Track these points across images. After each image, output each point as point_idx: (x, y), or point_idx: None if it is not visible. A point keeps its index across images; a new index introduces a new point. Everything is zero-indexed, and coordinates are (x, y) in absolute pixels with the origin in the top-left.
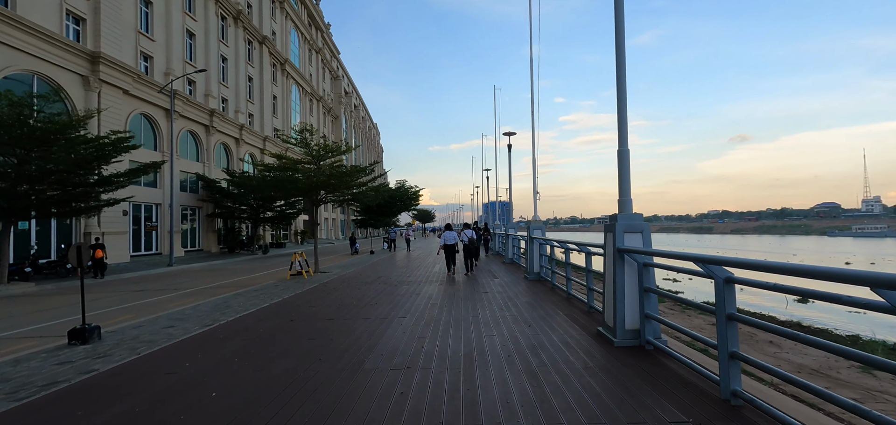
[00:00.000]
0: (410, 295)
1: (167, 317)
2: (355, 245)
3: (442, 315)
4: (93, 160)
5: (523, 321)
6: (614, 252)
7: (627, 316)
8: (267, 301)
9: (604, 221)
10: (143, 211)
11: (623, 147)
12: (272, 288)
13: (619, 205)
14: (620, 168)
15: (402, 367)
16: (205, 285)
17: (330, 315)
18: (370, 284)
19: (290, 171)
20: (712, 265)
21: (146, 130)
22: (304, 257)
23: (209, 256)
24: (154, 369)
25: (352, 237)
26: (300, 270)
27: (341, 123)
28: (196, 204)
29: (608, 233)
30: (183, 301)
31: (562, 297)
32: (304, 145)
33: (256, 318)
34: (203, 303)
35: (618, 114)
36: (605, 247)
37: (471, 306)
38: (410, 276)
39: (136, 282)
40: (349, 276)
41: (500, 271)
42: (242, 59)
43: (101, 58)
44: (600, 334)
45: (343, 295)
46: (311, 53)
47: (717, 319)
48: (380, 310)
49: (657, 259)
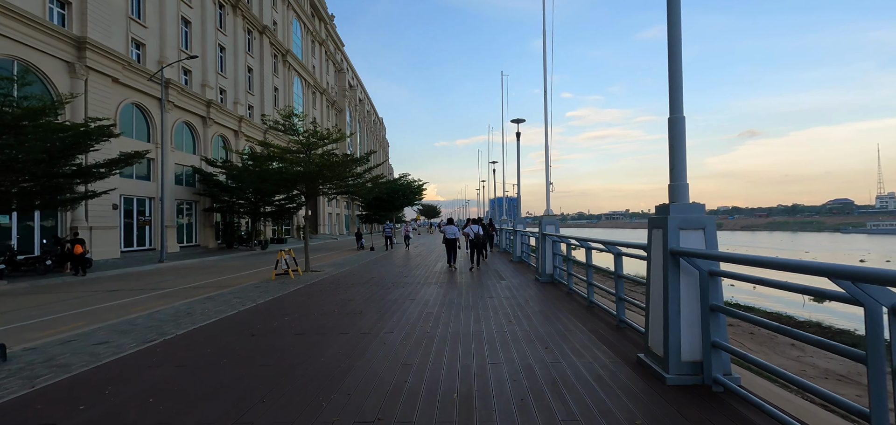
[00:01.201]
0: (404, 300)
1: (110, 327)
2: (361, 240)
3: (437, 328)
4: (68, 149)
5: (538, 339)
6: (666, 255)
7: (685, 343)
8: (238, 307)
9: (614, 217)
10: (136, 204)
11: (676, 113)
12: (252, 289)
13: (670, 192)
14: (673, 141)
15: (371, 421)
16: (186, 284)
17: (302, 328)
18: (360, 286)
19: (276, 161)
20: (855, 282)
21: (139, 121)
22: (292, 255)
23: (205, 252)
24: (25, 419)
25: (358, 232)
26: (286, 269)
27: (345, 117)
28: (192, 197)
29: (655, 230)
30: (148, 304)
31: (581, 306)
32: (291, 131)
33: (210, 333)
34: (164, 310)
35: (669, 74)
36: (649, 248)
37: (473, 316)
38: (408, 277)
39: (116, 281)
40: (340, 276)
41: (508, 271)
42: (242, 49)
43: (88, 43)
44: (642, 363)
45: (326, 300)
46: (314, 45)
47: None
48: (364, 321)
49: (734, 267)
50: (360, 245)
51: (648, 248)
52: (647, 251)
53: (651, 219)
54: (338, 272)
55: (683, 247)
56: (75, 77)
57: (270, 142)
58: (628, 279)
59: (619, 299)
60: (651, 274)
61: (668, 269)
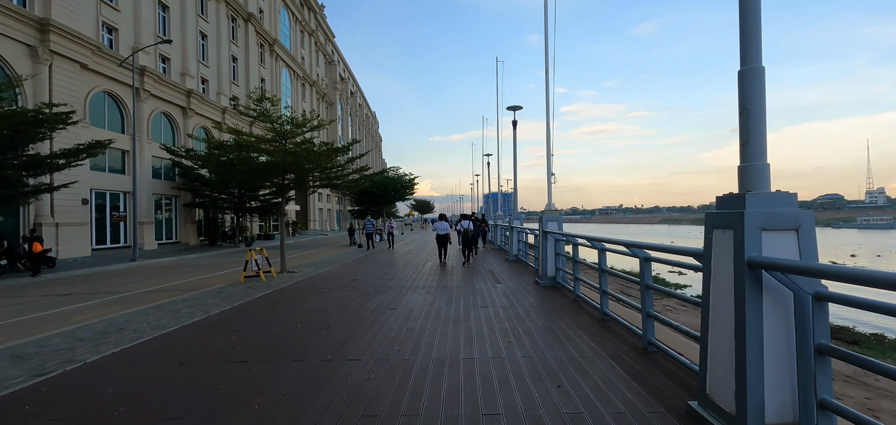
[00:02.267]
0: (384, 310)
1: (11, 352)
2: (354, 236)
3: (418, 353)
4: (18, 138)
5: (546, 370)
6: (740, 267)
7: (770, 396)
8: (184, 319)
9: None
10: (108, 199)
11: (752, 63)
12: (213, 295)
13: (742, 176)
14: (747, 102)
15: None
16: (149, 287)
17: (248, 352)
18: (337, 291)
19: (247, 152)
20: None
21: (111, 110)
22: (265, 255)
23: (186, 249)
24: None
25: (350, 228)
26: (257, 271)
27: (336, 110)
28: (172, 192)
29: (720, 231)
30: (91, 313)
31: (592, 318)
32: (264, 118)
33: (129, 360)
34: (95, 323)
35: (741, 8)
36: (707, 255)
37: (464, 333)
38: (392, 279)
39: (76, 282)
40: (318, 279)
41: (504, 272)
42: (225, 37)
43: (52, 26)
44: (697, 418)
45: (293, 310)
46: (304, 35)
47: None
48: (330, 341)
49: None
50: (353, 241)
51: (706, 255)
52: (702, 259)
53: (712, 216)
54: (316, 273)
55: (768, 256)
56: (38, 62)
57: (242, 131)
58: (658, 290)
59: (647, 316)
60: (712, 292)
61: (745, 288)
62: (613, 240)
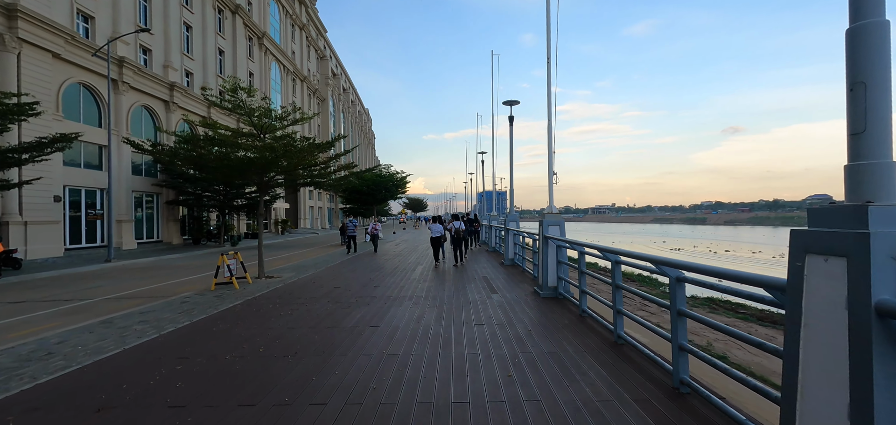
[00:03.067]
0: (364, 327)
1: None
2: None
3: (398, 393)
4: None
5: (558, 422)
6: (867, 315)
7: None
8: (132, 339)
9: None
10: (84, 196)
11: (871, 16)
12: (175, 306)
13: (852, 180)
14: (862, 71)
15: None
16: (112, 293)
17: (187, 394)
18: (315, 302)
19: (221, 147)
20: None
21: (88, 103)
22: (239, 258)
23: (168, 249)
24: None
25: (342, 227)
26: (230, 278)
27: (328, 106)
28: (153, 189)
29: (820, 258)
30: (27, 329)
31: (604, 340)
32: (239, 109)
33: (23, 408)
34: (22, 345)
35: None
36: (799, 292)
37: (455, 361)
38: (378, 287)
39: (37, 286)
40: (296, 286)
41: (500, 279)
42: (211, 29)
43: (20, 11)
44: None
45: (259, 327)
46: (294, 29)
47: None
48: (293, 375)
49: None
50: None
51: (793, 290)
52: (787, 291)
53: (805, 235)
54: (297, 278)
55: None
56: (5, 50)
57: (217, 124)
58: (696, 319)
59: (679, 349)
60: (807, 340)
61: (873, 344)
62: (632, 253)
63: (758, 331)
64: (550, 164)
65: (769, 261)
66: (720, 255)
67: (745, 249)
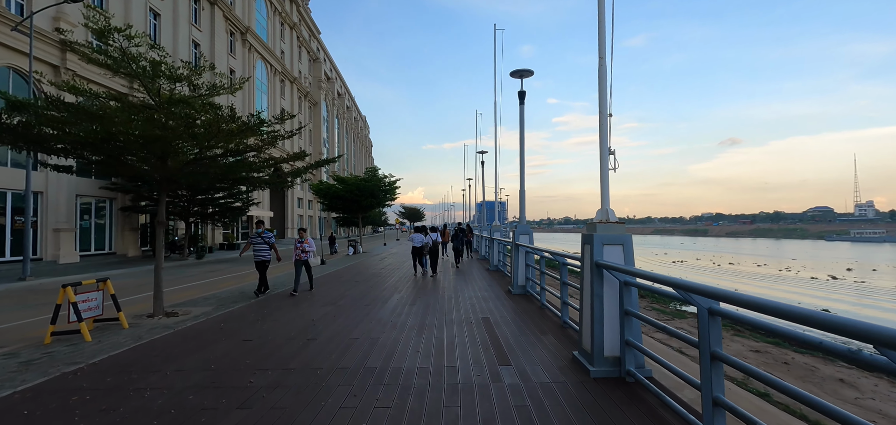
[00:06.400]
0: None
1: None
2: (335, 245)
3: None
4: None
5: None
6: None
7: None
8: None
9: None
10: (10, 200)
11: None
12: None
13: None
14: None
15: None
16: None
17: None
18: (199, 372)
19: (90, 113)
20: None
21: (19, 91)
22: (109, 289)
23: (119, 262)
24: None
25: (331, 237)
26: (79, 323)
27: (321, 110)
28: (106, 194)
29: None
30: None
31: None
32: (123, 65)
33: None
34: None
35: None
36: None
37: None
38: (319, 337)
39: None
40: (197, 333)
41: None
42: (184, 19)
43: None
44: None
45: None
46: (284, 28)
47: None
48: None
49: None
50: (333, 251)
51: None
52: None
53: None
54: (214, 315)
55: None
56: None
57: (81, 83)
58: None
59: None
60: None
61: None
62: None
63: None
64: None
65: (824, 284)
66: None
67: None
